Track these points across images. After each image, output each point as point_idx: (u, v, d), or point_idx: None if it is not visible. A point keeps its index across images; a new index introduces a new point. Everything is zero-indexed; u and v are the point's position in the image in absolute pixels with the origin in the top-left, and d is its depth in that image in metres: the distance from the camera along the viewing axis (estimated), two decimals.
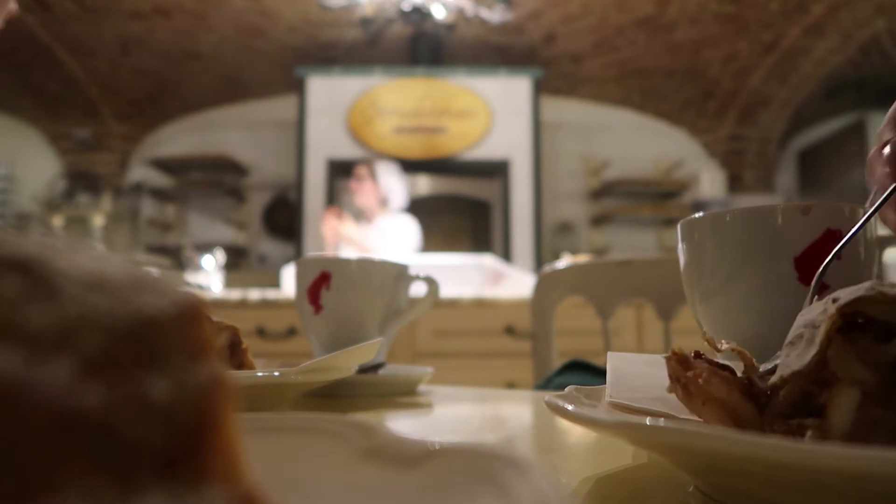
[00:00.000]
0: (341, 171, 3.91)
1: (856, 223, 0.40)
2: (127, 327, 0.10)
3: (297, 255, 3.86)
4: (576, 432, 0.38)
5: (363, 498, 0.16)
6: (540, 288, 1.04)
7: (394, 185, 2.80)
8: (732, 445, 0.17)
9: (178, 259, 4.14)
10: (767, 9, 3.65)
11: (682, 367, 0.24)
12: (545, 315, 1.03)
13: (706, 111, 4.68)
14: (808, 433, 0.21)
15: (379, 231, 2.69)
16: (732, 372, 0.24)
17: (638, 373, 0.32)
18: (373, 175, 2.75)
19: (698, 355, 0.25)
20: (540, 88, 4.20)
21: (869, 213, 0.35)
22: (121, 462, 0.10)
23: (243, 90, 4.62)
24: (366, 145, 4.06)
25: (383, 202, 2.76)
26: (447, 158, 4.12)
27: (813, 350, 0.22)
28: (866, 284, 0.21)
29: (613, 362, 0.33)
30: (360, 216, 2.80)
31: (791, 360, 0.23)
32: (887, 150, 0.36)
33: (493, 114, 4.09)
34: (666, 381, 0.31)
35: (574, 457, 0.34)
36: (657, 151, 4.77)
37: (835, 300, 0.21)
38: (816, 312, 0.23)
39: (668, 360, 0.25)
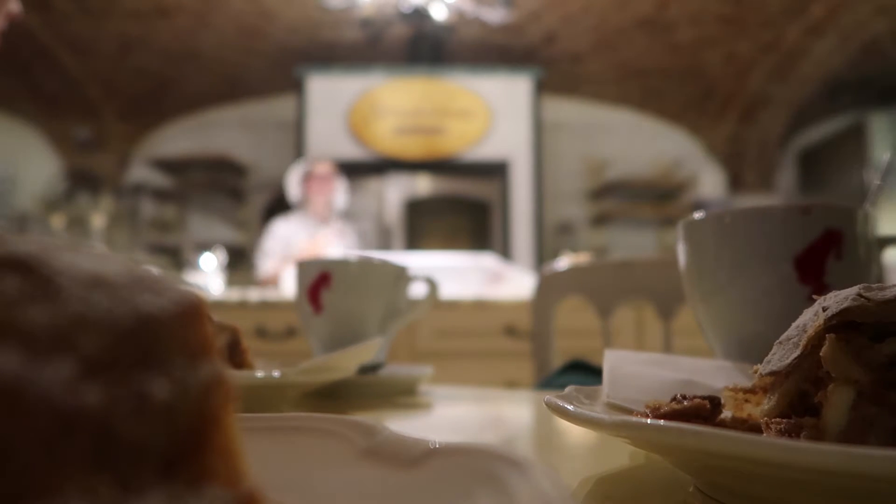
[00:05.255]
0: (341, 171, 3.91)
1: (856, 223, 0.40)
2: (127, 326, 0.10)
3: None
4: (576, 432, 0.38)
5: (363, 498, 0.16)
6: (540, 288, 1.04)
7: (342, 191, 2.78)
8: (732, 445, 0.17)
9: (178, 259, 4.14)
10: (767, 9, 3.65)
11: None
12: (545, 315, 1.03)
13: (706, 111, 4.68)
14: (804, 432, 0.21)
15: (338, 235, 2.67)
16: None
17: (635, 373, 0.32)
18: (334, 177, 2.72)
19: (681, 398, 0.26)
20: (540, 88, 4.20)
21: None
22: (121, 462, 0.10)
23: (243, 90, 4.62)
24: (366, 145, 4.06)
25: (332, 206, 2.73)
26: (447, 158, 4.12)
27: (795, 353, 0.22)
28: (854, 291, 0.21)
29: (611, 361, 0.33)
30: (311, 216, 2.69)
31: (774, 360, 0.23)
32: None
33: (493, 114, 4.09)
34: (663, 381, 0.32)
35: (574, 457, 0.34)
36: (657, 151, 4.77)
37: (825, 308, 0.22)
38: (808, 317, 0.23)
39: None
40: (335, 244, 2.62)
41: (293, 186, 2.78)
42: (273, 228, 2.70)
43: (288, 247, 2.56)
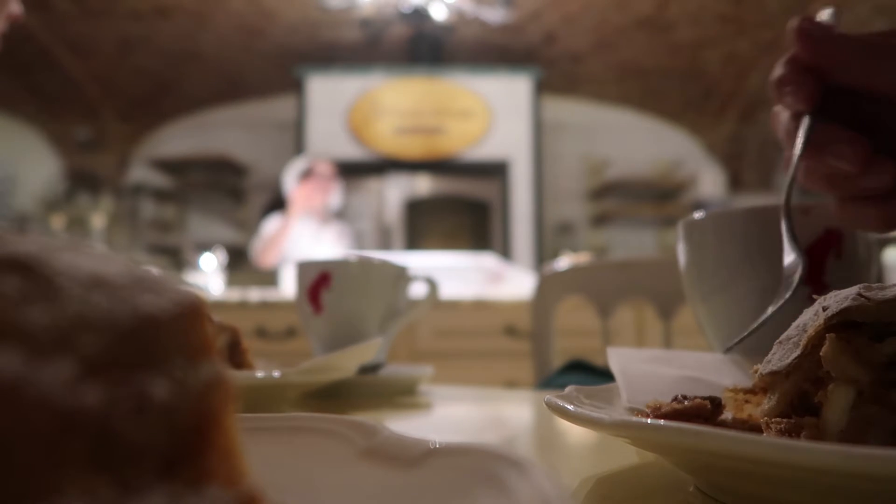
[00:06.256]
0: (341, 171, 3.91)
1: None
2: (127, 327, 0.10)
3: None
4: (576, 432, 0.38)
5: (363, 498, 0.16)
6: (540, 288, 1.04)
7: (339, 191, 2.75)
8: (732, 445, 0.17)
9: (178, 259, 4.15)
10: (767, 9, 3.65)
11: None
12: (545, 315, 1.03)
13: (706, 111, 4.68)
14: (804, 432, 0.21)
15: (333, 234, 2.66)
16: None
17: (645, 373, 0.32)
18: (335, 177, 2.69)
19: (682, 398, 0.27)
20: (540, 88, 4.20)
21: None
22: (121, 462, 0.10)
23: (243, 90, 4.62)
24: (366, 145, 4.06)
25: (329, 206, 2.69)
26: (447, 158, 4.12)
27: (796, 353, 0.22)
28: (853, 291, 0.21)
29: (618, 362, 0.33)
30: (311, 215, 2.65)
31: (774, 359, 0.23)
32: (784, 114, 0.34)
33: (492, 114, 4.09)
34: (675, 380, 0.32)
35: (574, 457, 0.34)
36: (657, 151, 4.77)
37: (825, 308, 0.22)
38: (808, 317, 0.23)
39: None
40: (335, 244, 2.61)
41: (291, 184, 2.74)
42: (272, 222, 2.66)
43: (290, 246, 2.54)
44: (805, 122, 0.32)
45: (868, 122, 0.32)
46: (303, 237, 2.57)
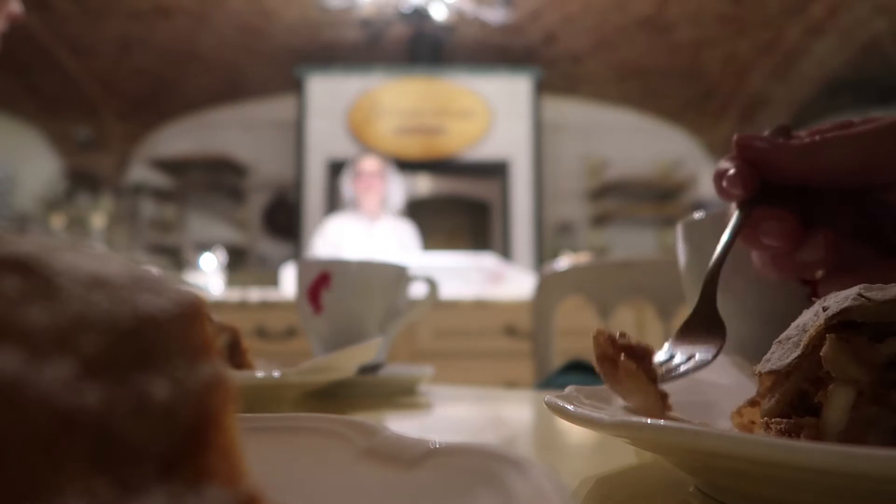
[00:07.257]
0: (341, 171, 3.91)
1: None
2: (127, 327, 0.10)
3: (296, 255, 3.87)
4: (576, 432, 0.38)
5: (363, 498, 0.16)
6: (540, 288, 1.04)
7: (396, 187, 2.76)
8: (732, 445, 0.17)
9: (178, 259, 4.15)
10: (767, 9, 3.65)
11: (609, 346, 0.27)
12: (545, 315, 1.03)
13: (706, 111, 4.68)
14: (804, 432, 0.21)
15: (385, 232, 2.66)
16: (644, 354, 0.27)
17: None
18: (383, 174, 2.69)
19: (622, 335, 0.28)
20: (540, 88, 4.20)
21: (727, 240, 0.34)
22: (121, 462, 0.10)
23: (243, 90, 4.62)
24: (366, 145, 4.06)
25: (384, 203, 2.70)
26: (447, 158, 4.12)
27: (796, 353, 0.22)
28: (854, 291, 0.21)
29: None
30: (362, 214, 2.67)
31: (773, 358, 0.23)
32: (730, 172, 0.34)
33: (492, 114, 4.09)
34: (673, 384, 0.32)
35: (574, 457, 0.34)
36: (657, 151, 4.77)
37: (825, 308, 0.22)
38: (808, 317, 0.23)
39: (595, 338, 0.28)
40: (386, 243, 2.59)
41: (346, 185, 2.74)
42: (324, 229, 2.68)
43: (338, 246, 2.54)
44: (736, 213, 0.33)
45: (808, 208, 0.34)
46: (353, 235, 2.57)
